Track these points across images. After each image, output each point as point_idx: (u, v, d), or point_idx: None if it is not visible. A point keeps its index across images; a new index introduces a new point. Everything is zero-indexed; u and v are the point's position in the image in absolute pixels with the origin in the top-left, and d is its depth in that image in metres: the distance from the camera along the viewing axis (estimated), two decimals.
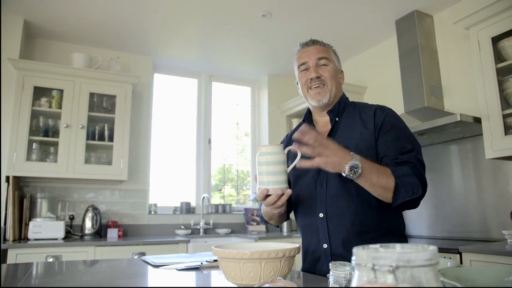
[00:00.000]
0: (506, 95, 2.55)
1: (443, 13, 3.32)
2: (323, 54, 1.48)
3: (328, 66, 1.48)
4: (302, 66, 1.50)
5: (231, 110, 4.90)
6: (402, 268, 0.49)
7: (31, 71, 3.34)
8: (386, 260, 0.48)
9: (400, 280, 0.48)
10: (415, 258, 0.49)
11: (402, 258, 0.49)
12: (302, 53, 1.52)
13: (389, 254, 0.49)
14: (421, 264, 0.49)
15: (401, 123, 1.43)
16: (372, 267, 0.48)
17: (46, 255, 2.93)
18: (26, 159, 3.24)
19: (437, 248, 0.54)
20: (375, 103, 4.19)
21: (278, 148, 1.25)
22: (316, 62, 1.47)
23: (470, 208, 2.98)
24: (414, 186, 1.24)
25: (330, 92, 1.47)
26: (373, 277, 0.49)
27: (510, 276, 0.77)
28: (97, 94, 3.64)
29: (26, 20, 3.42)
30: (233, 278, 1.08)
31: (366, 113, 1.45)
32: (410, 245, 0.57)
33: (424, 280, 0.49)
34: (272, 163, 1.23)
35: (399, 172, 1.25)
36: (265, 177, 1.24)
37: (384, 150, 1.36)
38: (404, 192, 1.24)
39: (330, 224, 1.38)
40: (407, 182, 1.24)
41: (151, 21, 3.50)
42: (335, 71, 1.50)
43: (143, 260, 1.76)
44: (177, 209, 4.20)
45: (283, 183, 1.24)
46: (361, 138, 1.39)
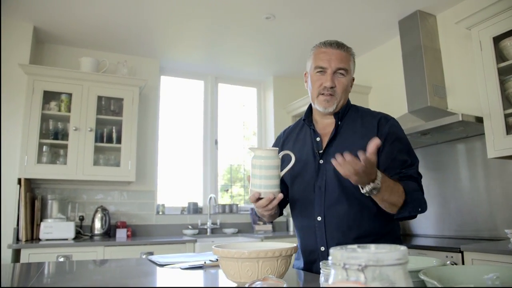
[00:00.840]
0: (508, 94, 2.56)
1: (446, 13, 3.33)
2: (343, 65, 1.44)
3: (345, 77, 1.45)
4: (318, 68, 1.46)
5: (237, 111, 4.95)
6: (372, 267, 0.53)
7: (40, 75, 3.43)
8: (356, 260, 0.53)
9: (369, 278, 0.53)
10: (383, 258, 0.53)
11: (372, 258, 0.53)
12: (323, 54, 1.46)
13: (360, 254, 0.54)
14: (390, 264, 0.54)
15: (404, 135, 1.47)
16: (343, 266, 0.53)
17: (57, 255, 3.01)
18: (36, 162, 3.32)
19: (406, 249, 0.58)
20: (379, 103, 4.22)
21: (272, 153, 1.27)
22: (335, 71, 1.44)
23: (475, 207, 2.99)
24: (422, 203, 1.33)
25: (338, 103, 1.47)
26: (345, 276, 0.54)
27: (487, 274, 0.80)
28: (105, 97, 3.72)
29: (36, 26, 3.51)
30: (232, 276, 1.12)
31: (370, 121, 1.47)
32: (384, 246, 0.61)
33: (393, 278, 0.54)
34: (266, 167, 1.26)
35: (409, 187, 1.31)
36: (257, 180, 1.27)
37: (389, 162, 1.38)
38: (412, 207, 1.30)
39: (328, 228, 1.41)
40: (415, 197, 1.31)
41: (157, 25, 3.56)
42: (348, 83, 1.48)
43: (149, 259, 1.81)
44: (184, 209, 4.27)
45: (275, 187, 1.28)
46: (363, 145, 1.35)
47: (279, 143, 1.69)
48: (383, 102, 3.90)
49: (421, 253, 2.58)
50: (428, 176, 3.36)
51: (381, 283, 0.52)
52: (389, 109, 3.68)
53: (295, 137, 1.63)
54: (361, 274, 0.52)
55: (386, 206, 1.29)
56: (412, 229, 3.49)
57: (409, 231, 3.52)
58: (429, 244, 2.69)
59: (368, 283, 0.52)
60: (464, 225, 3.05)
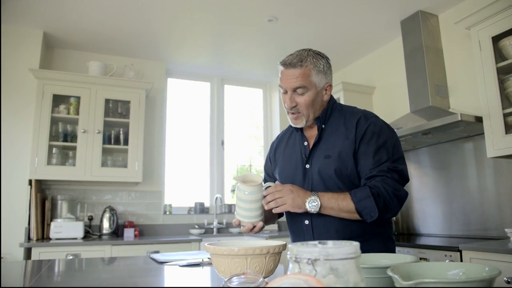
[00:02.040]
0: (507, 93, 2.57)
1: (448, 13, 3.33)
2: (299, 83, 1.40)
3: (305, 95, 1.42)
4: (282, 89, 1.47)
5: (244, 112, 5.01)
6: (322, 261, 0.58)
7: (50, 80, 3.53)
8: (307, 254, 0.58)
9: (319, 271, 0.58)
10: (333, 253, 0.58)
11: (322, 253, 0.58)
12: (281, 74, 1.46)
13: (311, 249, 0.58)
14: (339, 258, 0.58)
15: (384, 132, 1.43)
16: (295, 259, 0.58)
17: (66, 254, 3.11)
18: (47, 163, 3.43)
19: (358, 244, 0.63)
20: (383, 103, 4.24)
21: (255, 188, 1.34)
22: (292, 90, 1.43)
23: (480, 206, 2.98)
24: (371, 210, 1.30)
25: (307, 118, 1.46)
26: (299, 269, 0.59)
27: (454, 270, 0.84)
28: (112, 100, 3.82)
29: (45, 32, 3.62)
30: (223, 272, 1.17)
31: (350, 120, 1.47)
32: (341, 242, 0.66)
33: (342, 271, 0.58)
34: (247, 201, 1.34)
35: (357, 197, 1.32)
36: (240, 210, 1.37)
37: (362, 162, 1.40)
38: (365, 215, 1.32)
39: (315, 231, 1.45)
40: (364, 206, 1.31)
41: (163, 29, 3.64)
42: (313, 97, 1.43)
43: (151, 257, 1.88)
44: (191, 209, 4.34)
45: (256, 217, 1.36)
46: (344, 146, 1.43)
47: (272, 149, 1.73)
48: (386, 102, 3.92)
49: (420, 252, 2.60)
50: (433, 175, 3.37)
51: (333, 276, 0.57)
52: (392, 109, 3.74)
53: (285, 142, 1.66)
54: (311, 267, 0.57)
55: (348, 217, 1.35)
56: (417, 228, 3.50)
57: (413, 230, 3.54)
58: (430, 244, 2.71)
59: (318, 275, 0.57)
60: (469, 224, 3.05)
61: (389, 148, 1.40)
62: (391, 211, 1.34)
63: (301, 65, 1.41)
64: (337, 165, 1.40)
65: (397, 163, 1.39)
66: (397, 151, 1.42)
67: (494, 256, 2.17)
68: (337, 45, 4.01)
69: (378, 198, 1.30)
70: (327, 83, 1.48)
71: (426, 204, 3.41)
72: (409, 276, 0.84)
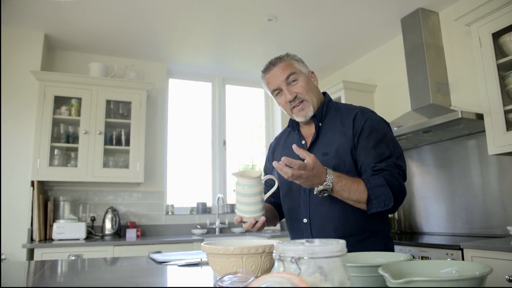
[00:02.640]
0: (508, 90, 2.55)
1: (448, 10, 3.31)
2: (288, 71, 1.46)
3: (299, 80, 1.46)
4: (276, 91, 1.49)
5: (245, 112, 5.01)
6: (306, 260, 0.58)
7: (51, 81, 3.55)
8: (291, 252, 0.57)
9: (303, 269, 0.57)
10: (318, 251, 0.58)
11: (307, 251, 0.58)
12: (268, 78, 1.49)
13: (295, 247, 0.58)
14: (324, 256, 0.58)
15: (382, 127, 1.43)
16: (279, 258, 0.58)
17: (69, 254, 3.12)
18: (49, 165, 3.45)
19: (344, 243, 0.62)
20: (384, 101, 4.22)
21: (255, 181, 1.31)
22: (286, 82, 1.46)
23: (482, 203, 2.96)
24: (386, 198, 1.28)
25: (312, 103, 1.48)
26: (283, 267, 0.59)
27: (447, 268, 0.83)
28: (113, 101, 3.83)
29: (47, 34, 3.64)
30: (219, 272, 1.17)
31: (347, 117, 1.46)
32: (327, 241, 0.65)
33: (327, 270, 0.58)
34: (248, 195, 1.32)
35: (371, 184, 1.29)
36: (240, 206, 1.34)
37: (363, 157, 1.39)
38: (377, 203, 1.29)
39: (313, 229, 1.44)
40: (379, 193, 1.28)
41: (163, 29, 3.65)
42: (307, 82, 1.49)
43: (150, 257, 1.88)
44: (193, 209, 4.35)
45: (257, 211, 1.33)
46: (341, 143, 1.42)
47: (270, 150, 1.74)
48: (387, 100, 3.90)
49: (422, 250, 2.59)
50: (435, 173, 3.36)
51: (314, 275, 0.57)
52: (393, 107, 3.72)
53: (283, 142, 1.67)
54: (295, 265, 0.57)
55: (352, 203, 1.32)
56: (420, 227, 3.48)
57: (416, 229, 3.52)
58: (432, 242, 2.70)
59: (302, 273, 0.57)
60: (472, 222, 3.03)
61: (389, 143, 1.40)
62: (395, 206, 1.32)
63: (281, 59, 1.49)
64: (335, 162, 1.40)
65: (400, 161, 1.39)
66: (398, 147, 1.42)
67: (496, 254, 2.16)
68: (338, 44, 4.00)
69: (393, 189, 1.29)
70: (309, 71, 1.54)
71: (429, 202, 3.40)
72: (401, 275, 0.84)
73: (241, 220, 1.36)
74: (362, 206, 1.31)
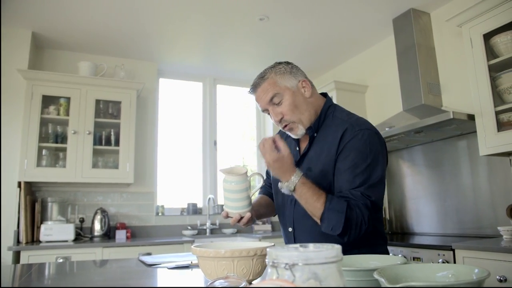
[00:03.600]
0: (499, 91, 2.56)
1: (440, 10, 3.32)
2: (270, 94, 1.38)
3: (283, 100, 1.38)
4: (265, 112, 1.45)
5: (236, 112, 4.98)
6: (300, 266, 0.55)
7: (39, 80, 3.48)
8: (284, 258, 0.55)
9: (298, 276, 0.55)
10: (313, 257, 0.55)
11: (301, 257, 0.55)
12: (256, 99, 1.45)
13: (289, 253, 0.56)
14: (318, 262, 0.56)
15: (366, 149, 1.30)
16: (272, 264, 0.55)
17: (57, 256, 3.06)
18: (36, 165, 3.38)
19: (340, 248, 0.60)
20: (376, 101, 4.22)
21: (241, 178, 1.32)
22: (271, 104, 1.39)
23: (473, 204, 2.97)
24: (336, 225, 1.22)
25: (301, 122, 1.40)
26: (276, 274, 0.56)
27: (443, 271, 0.82)
28: (103, 100, 3.77)
29: (34, 32, 3.57)
30: (210, 275, 1.14)
31: (338, 131, 1.37)
32: (322, 245, 0.63)
33: (322, 276, 0.56)
34: (233, 191, 1.33)
35: (331, 204, 1.24)
36: (227, 202, 1.36)
37: (336, 178, 1.32)
38: (325, 225, 1.24)
39: (297, 239, 1.44)
40: (331, 217, 1.23)
41: (154, 29, 3.60)
42: (292, 100, 1.38)
43: (139, 260, 1.85)
44: (184, 210, 4.31)
45: (243, 208, 1.35)
46: (326, 161, 1.36)
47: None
48: (379, 100, 3.90)
49: (414, 251, 2.59)
50: (426, 173, 3.36)
51: (309, 282, 0.54)
52: (385, 108, 3.73)
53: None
54: (288, 271, 0.54)
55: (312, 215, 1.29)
56: (411, 227, 3.49)
57: (407, 229, 3.52)
58: (423, 243, 2.70)
59: (297, 280, 0.54)
60: (462, 222, 3.04)
61: (366, 167, 1.28)
62: (349, 236, 1.24)
63: (263, 78, 1.41)
64: (317, 180, 1.33)
65: (372, 191, 1.27)
66: (374, 174, 1.29)
67: (487, 254, 2.16)
68: (329, 44, 3.99)
69: (347, 221, 1.22)
70: (299, 80, 1.42)
71: (420, 203, 3.40)
72: (397, 278, 0.82)
73: (227, 215, 1.38)
74: (317, 219, 1.28)
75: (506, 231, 2.44)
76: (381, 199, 1.34)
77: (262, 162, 4.89)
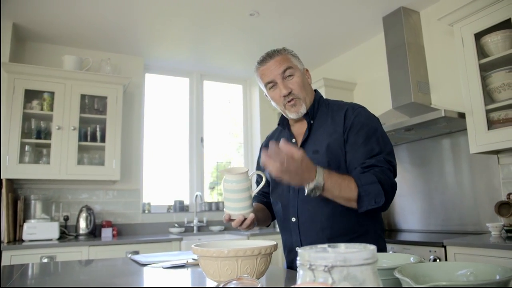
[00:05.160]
0: (489, 90, 2.59)
1: (429, 9, 3.34)
2: (285, 65, 1.43)
3: (294, 76, 1.44)
4: (269, 84, 1.46)
5: (223, 109, 4.94)
6: (339, 268, 0.53)
7: (21, 74, 3.36)
8: (323, 260, 0.52)
9: (336, 279, 0.52)
10: (351, 258, 0.53)
11: (339, 258, 0.53)
12: (264, 71, 1.46)
13: (327, 254, 0.53)
14: (357, 264, 0.53)
15: (373, 122, 1.40)
16: (310, 267, 0.52)
17: (41, 256, 2.97)
18: (19, 162, 3.27)
19: (375, 248, 0.58)
20: (364, 99, 4.25)
21: (242, 177, 1.29)
22: (282, 76, 1.43)
23: (459, 201, 3.02)
24: (377, 195, 1.23)
25: (305, 101, 1.46)
26: (313, 277, 0.53)
27: (462, 269, 0.81)
28: (88, 95, 3.67)
29: (15, 23, 3.44)
30: (212, 275, 1.11)
31: (338, 113, 1.44)
32: (354, 245, 0.61)
33: (361, 278, 0.53)
34: (235, 191, 1.29)
35: (362, 181, 1.25)
36: (228, 203, 1.32)
37: (353, 153, 1.35)
38: (367, 201, 1.24)
39: (301, 228, 1.41)
40: (370, 191, 1.24)
41: (141, 22, 3.52)
42: (302, 78, 1.47)
43: (131, 259, 1.80)
44: (170, 207, 4.25)
45: (246, 208, 1.31)
46: (332, 140, 1.39)
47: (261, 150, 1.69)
48: (367, 98, 3.92)
49: (405, 248, 2.61)
50: (413, 171, 3.40)
51: (349, 283, 0.52)
52: (374, 105, 3.73)
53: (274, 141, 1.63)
54: (328, 275, 0.52)
55: (343, 202, 1.27)
56: (398, 224, 3.52)
57: (394, 226, 3.56)
58: (413, 239, 2.72)
59: (336, 284, 0.52)
60: (449, 219, 3.09)
61: (380, 139, 1.36)
62: (387, 203, 1.27)
63: (279, 53, 1.47)
64: (326, 160, 1.36)
65: (390, 157, 1.34)
66: (388, 143, 1.38)
67: (478, 251, 2.19)
68: (319, 41, 3.98)
69: (384, 186, 1.24)
70: (304, 68, 1.53)
71: (407, 200, 3.44)
72: (416, 277, 0.80)
73: (229, 218, 1.33)
74: (353, 204, 1.26)
75: (494, 227, 2.49)
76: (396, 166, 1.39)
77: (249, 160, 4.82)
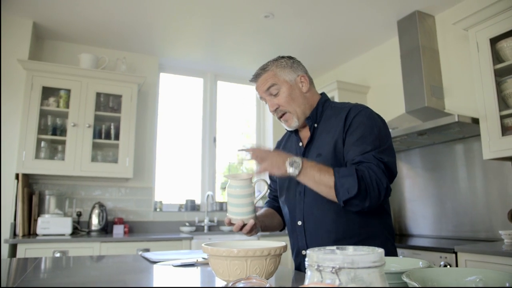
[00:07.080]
0: (504, 96, 2.56)
1: (444, 14, 3.32)
2: (269, 83, 1.45)
3: (280, 91, 1.45)
4: (262, 100, 1.52)
5: (237, 109, 4.96)
6: (346, 270, 0.54)
7: (39, 71, 3.43)
8: (331, 262, 0.53)
9: (344, 281, 0.53)
10: (358, 260, 0.54)
11: (346, 260, 0.54)
12: (256, 88, 1.52)
13: (335, 256, 0.54)
14: (365, 266, 0.54)
15: (372, 121, 1.37)
16: (317, 268, 0.54)
17: (53, 250, 3.03)
18: (35, 157, 3.33)
19: (383, 251, 0.59)
20: (377, 102, 4.24)
21: (244, 183, 1.32)
22: (268, 93, 1.46)
23: (472, 207, 2.99)
24: (350, 186, 1.22)
25: (296, 114, 1.46)
26: (320, 278, 0.55)
27: (471, 276, 0.81)
28: (103, 93, 3.73)
29: (35, 22, 3.52)
30: (221, 274, 1.13)
31: (341, 115, 1.43)
32: (362, 248, 0.62)
33: (368, 281, 0.54)
34: (238, 196, 1.32)
35: (340, 173, 1.25)
36: (230, 207, 1.34)
37: (347, 151, 1.35)
38: (342, 192, 1.24)
39: (307, 232, 1.42)
40: (343, 182, 1.23)
41: (157, 22, 3.57)
42: (289, 92, 1.45)
43: (142, 256, 1.82)
44: (182, 206, 4.28)
45: (246, 214, 1.33)
46: (334, 142, 1.39)
47: None
48: (381, 102, 3.90)
49: (415, 253, 2.59)
50: (426, 176, 3.37)
51: (356, 285, 0.53)
52: (387, 109, 3.72)
53: (283, 146, 1.66)
54: (335, 276, 0.53)
55: (325, 191, 1.27)
56: (409, 229, 3.50)
57: (405, 231, 3.53)
58: (424, 245, 2.70)
59: (343, 285, 0.53)
60: (461, 226, 3.06)
61: (375, 137, 1.33)
62: (370, 199, 1.24)
63: (265, 70, 1.48)
64: (328, 163, 1.36)
65: (384, 154, 1.31)
66: (385, 141, 1.34)
67: (490, 258, 2.17)
68: (333, 43, 3.98)
69: (361, 180, 1.23)
70: (298, 75, 1.49)
71: (418, 205, 3.41)
72: (424, 282, 0.81)
73: (229, 221, 1.36)
74: (333, 193, 1.26)
75: (507, 235, 2.46)
76: (394, 164, 1.34)
77: None
